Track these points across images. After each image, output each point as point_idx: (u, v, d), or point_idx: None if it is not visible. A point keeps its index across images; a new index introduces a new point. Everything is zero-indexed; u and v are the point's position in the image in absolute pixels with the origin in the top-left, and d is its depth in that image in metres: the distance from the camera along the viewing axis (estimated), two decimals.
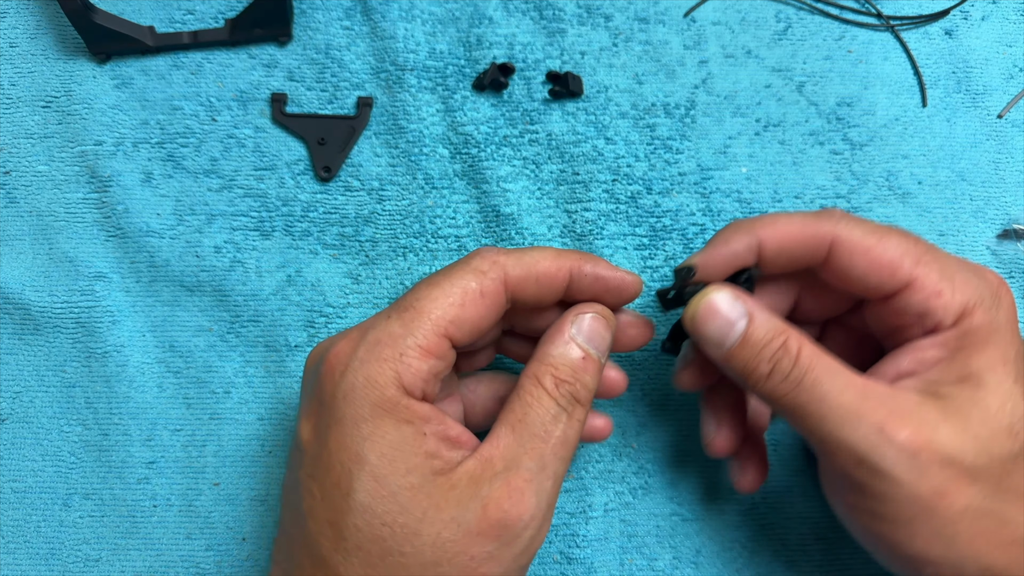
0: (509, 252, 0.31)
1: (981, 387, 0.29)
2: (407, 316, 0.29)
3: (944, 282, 0.30)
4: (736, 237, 0.32)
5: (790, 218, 0.31)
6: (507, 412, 0.30)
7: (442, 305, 0.29)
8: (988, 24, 0.44)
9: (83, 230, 0.42)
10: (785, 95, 0.43)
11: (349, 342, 0.29)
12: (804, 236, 0.31)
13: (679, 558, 0.39)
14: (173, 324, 0.41)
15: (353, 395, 0.28)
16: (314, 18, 0.43)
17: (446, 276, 0.30)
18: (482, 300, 0.30)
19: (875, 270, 0.30)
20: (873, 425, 0.28)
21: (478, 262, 0.30)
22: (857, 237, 0.30)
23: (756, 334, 0.30)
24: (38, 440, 0.41)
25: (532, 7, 0.43)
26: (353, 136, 0.42)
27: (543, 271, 0.31)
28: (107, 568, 0.39)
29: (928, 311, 0.30)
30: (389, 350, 0.28)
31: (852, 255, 0.30)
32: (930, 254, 0.30)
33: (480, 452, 0.29)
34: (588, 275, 0.32)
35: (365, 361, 0.28)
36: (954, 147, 0.43)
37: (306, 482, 0.28)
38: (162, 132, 0.43)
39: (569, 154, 0.42)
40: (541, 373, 0.30)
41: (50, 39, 0.43)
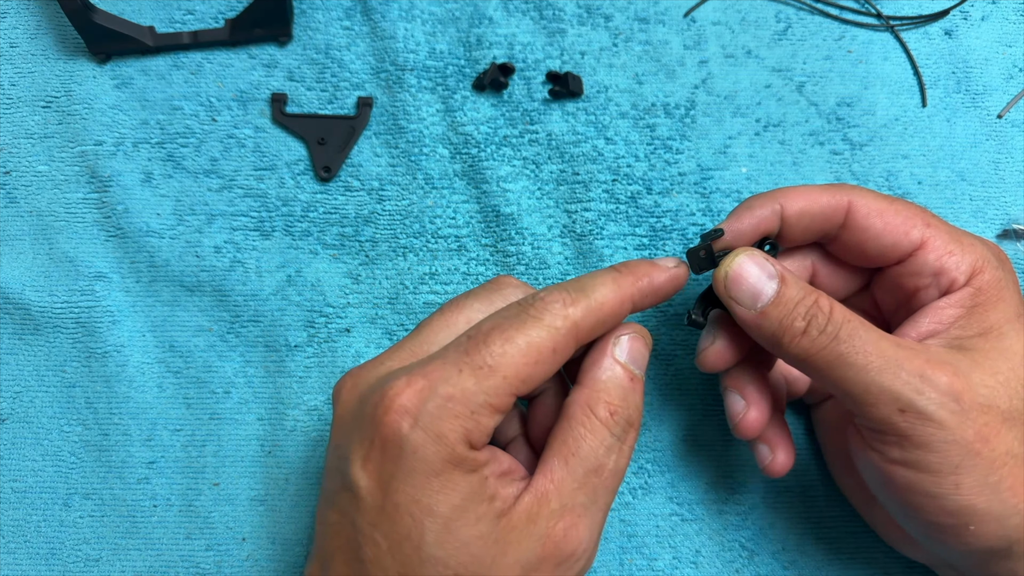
0: (575, 300, 0.30)
1: (1003, 338, 0.30)
2: (481, 374, 0.28)
3: (953, 243, 0.32)
4: (760, 203, 0.33)
5: (808, 187, 0.34)
6: (558, 443, 0.29)
7: (517, 364, 0.28)
8: (988, 24, 0.44)
9: (83, 230, 0.42)
10: (785, 95, 0.43)
11: (416, 393, 0.28)
12: (823, 202, 0.33)
13: (679, 558, 0.39)
14: (173, 324, 0.41)
15: (424, 450, 0.27)
16: (314, 18, 0.43)
17: (519, 330, 0.28)
18: (553, 356, 0.29)
19: (890, 231, 0.32)
20: (914, 371, 0.29)
21: (551, 319, 0.29)
22: (871, 201, 0.32)
23: (789, 292, 0.30)
24: (38, 440, 0.41)
25: (532, 7, 0.43)
26: (353, 136, 0.42)
27: (609, 312, 0.30)
28: (107, 568, 0.39)
29: (943, 269, 0.31)
30: (461, 407, 0.27)
31: (868, 217, 0.32)
32: (935, 219, 0.32)
33: (535, 487, 0.29)
34: (648, 294, 0.32)
35: (436, 417, 0.27)
36: (954, 147, 0.43)
37: (368, 531, 0.28)
38: (162, 132, 0.43)
39: (569, 154, 0.42)
40: (593, 401, 0.30)
41: (50, 39, 0.43)
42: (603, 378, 0.30)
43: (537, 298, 0.30)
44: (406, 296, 0.41)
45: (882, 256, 0.33)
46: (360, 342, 0.41)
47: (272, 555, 0.39)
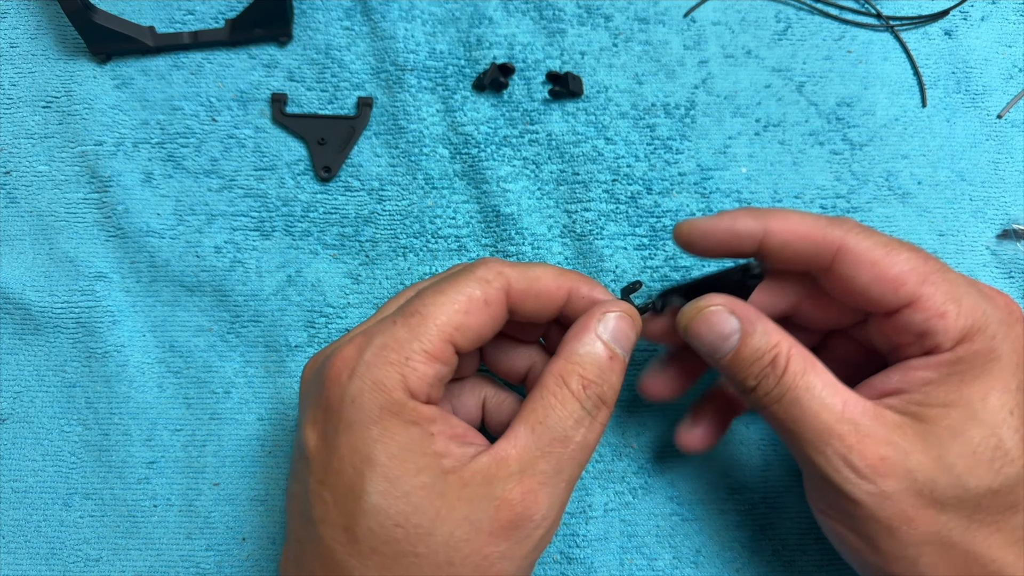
0: (513, 265, 0.31)
1: (967, 416, 0.28)
2: (413, 321, 0.29)
3: (949, 303, 0.29)
4: (743, 219, 0.31)
5: (802, 216, 0.31)
6: (527, 411, 0.29)
7: (447, 311, 0.29)
8: (988, 24, 0.44)
9: (83, 230, 0.42)
10: (785, 95, 0.43)
11: (354, 347, 0.29)
12: (812, 237, 0.31)
13: (679, 558, 0.39)
14: (173, 324, 0.41)
15: (361, 399, 0.28)
16: (314, 18, 0.43)
17: (451, 284, 0.30)
18: (486, 308, 0.30)
19: (878, 284, 0.30)
20: (840, 449, 0.28)
21: (483, 271, 0.30)
22: (864, 248, 0.30)
23: (745, 351, 0.30)
24: (39, 440, 0.41)
25: (532, 7, 0.43)
26: (353, 136, 0.42)
27: (544, 287, 0.31)
28: (107, 568, 0.39)
29: (928, 331, 0.29)
30: (395, 354, 0.28)
31: (857, 265, 0.30)
32: (939, 273, 0.29)
33: (495, 449, 0.29)
34: (585, 298, 0.32)
35: (372, 365, 0.28)
36: (954, 147, 0.43)
37: (316, 489, 0.28)
38: (162, 132, 0.43)
39: (569, 154, 0.42)
40: (567, 373, 0.30)
41: (50, 39, 0.43)
42: (580, 351, 0.30)
43: (477, 260, 0.32)
44: None
45: (868, 306, 0.31)
46: None
47: (272, 555, 0.39)
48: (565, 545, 0.39)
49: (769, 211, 0.32)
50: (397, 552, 0.27)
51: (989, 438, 0.28)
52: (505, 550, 0.28)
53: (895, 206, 0.42)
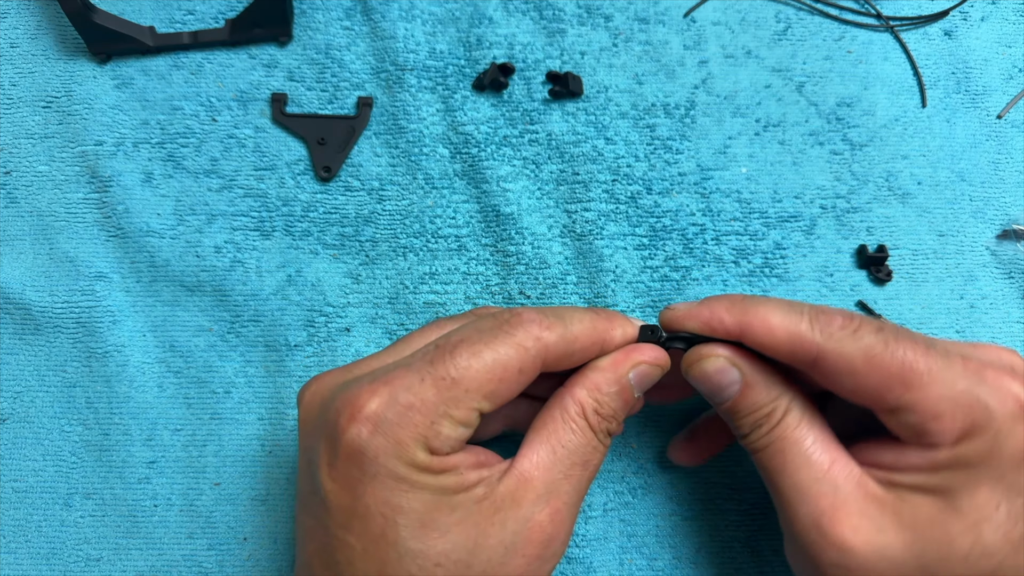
0: (551, 324, 0.30)
1: (951, 506, 0.28)
2: (443, 385, 0.28)
3: (943, 404, 0.27)
4: (720, 316, 0.31)
5: (783, 316, 0.29)
6: (546, 432, 0.30)
7: (480, 378, 0.28)
8: (987, 25, 0.44)
9: (83, 230, 0.42)
10: (785, 95, 0.43)
11: (377, 400, 0.28)
12: (789, 342, 0.29)
13: (679, 558, 0.39)
14: (173, 324, 0.41)
15: (384, 457, 0.27)
16: (314, 18, 0.43)
17: (488, 345, 0.28)
18: (519, 376, 0.29)
19: (861, 391, 0.28)
20: (814, 511, 0.29)
21: (522, 336, 0.29)
22: (843, 355, 0.28)
23: (742, 404, 0.31)
24: (39, 440, 0.41)
25: (532, 7, 0.43)
26: (353, 136, 0.42)
27: (580, 347, 0.31)
28: (108, 568, 0.39)
29: (924, 433, 0.28)
30: (421, 417, 0.27)
31: (837, 374, 0.29)
32: (931, 373, 0.27)
33: (518, 469, 0.29)
34: (616, 345, 0.32)
35: (396, 425, 0.27)
36: (954, 147, 0.43)
37: (339, 534, 0.28)
38: (162, 132, 0.43)
39: (569, 154, 0.42)
40: (587, 404, 0.30)
41: (50, 39, 0.43)
42: (606, 390, 0.31)
43: (513, 314, 0.30)
44: (406, 296, 0.41)
45: (860, 403, 0.29)
46: (360, 342, 0.41)
47: (273, 555, 0.40)
48: None
49: (750, 306, 0.30)
50: None
51: (969, 531, 0.28)
52: (537, 568, 0.29)
53: (895, 206, 0.42)
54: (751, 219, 0.42)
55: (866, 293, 0.41)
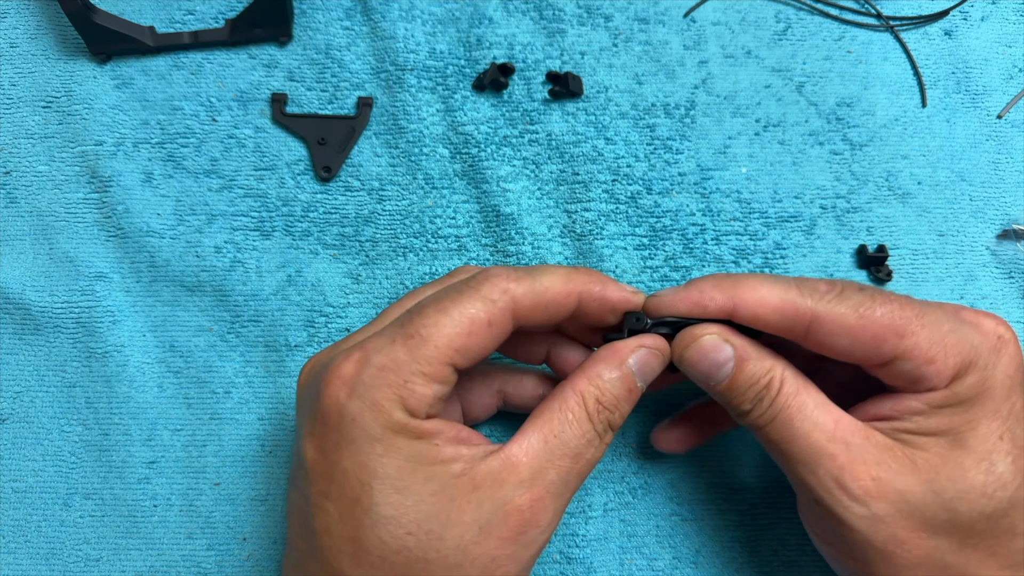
0: (519, 278, 0.30)
1: (958, 444, 0.29)
2: (412, 343, 0.28)
3: (935, 348, 0.29)
4: (710, 293, 0.31)
5: (772, 286, 0.30)
6: (542, 421, 0.30)
7: (449, 333, 0.28)
8: (987, 24, 0.44)
9: (83, 230, 0.42)
10: (785, 95, 0.43)
11: (352, 363, 0.29)
12: (782, 311, 0.30)
13: (679, 558, 0.39)
14: (173, 324, 0.41)
15: (361, 418, 0.28)
16: (314, 18, 0.43)
17: (454, 301, 0.29)
18: (489, 329, 0.29)
19: (858, 347, 0.29)
20: (832, 470, 0.29)
21: (488, 289, 0.29)
22: (837, 315, 0.29)
23: (740, 378, 0.31)
24: (39, 440, 0.41)
25: (532, 7, 0.43)
26: (353, 136, 0.42)
27: (552, 298, 0.31)
28: (108, 568, 0.39)
29: (920, 377, 0.29)
30: (394, 376, 0.28)
31: (833, 335, 0.29)
32: (919, 319, 0.29)
33: (505, 452, 0.29)
34: (596, 299, 0.32)
35: (370, 386, 0.28)
36: (954, 147, 0.43)
37: (318, 500, 0.28)
38: (162, 132, 0.43)
39: (569, 154, 0.42)
40: (587, 394, 0.30)
41: (50, 39, 0.43)
42: (605, 376, 0.31)
43: (483, 271, 0.30)
44: None
45: (855, 362, 0.30)
46: None
47: (273, 555, 0.40)
48: (565, 545, 0.39)
49: (738, 281, 0.31)
50: (408, 559, 0.27)
51: (980, 463, 0.29)
52: (512, 552, 0.28)
53: (895, 206, 0.42)
54: (751, 219, 0.42)
55: None
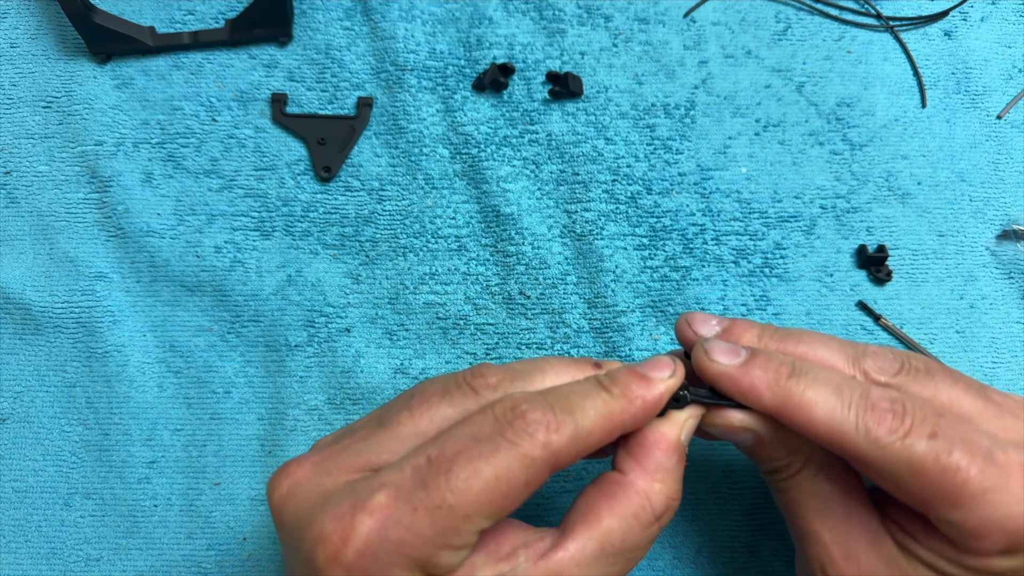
0: (560, 424, 0.25)
1: None
2: (439, 515, 0.24)
3: (991, 525, 0.25)
4: (763, 393, 0.28)
5: (827, 409, 0.27)
6: (597, 523, 0.26)
7: (480, 502, 0.24)
8: (987, 25, 0.44)
9: (84, 230, 0.42)
10: (785, 95, 0.43)
11: (361, 534, 0.24)
12: (829, 439, 0.27)
13: (679, 558, 0.39)
14: (173, 324, 0.41)
15: None
16: (314, 18, 0.43)
17: (487, 460, 0.24)
18: (524, 490, 0.25)
19: (903, 496, 0.27)
20: (821, 558, 0.28)
21: (528, 446, 0.25)
22: (887, 465, 0.26)
23: (760, 454, 0.30)
24: (39, 440, 0.41)
25: (532, 7, 0.43)
26: (353, 136, 0.42)
27: (595, 444, 0.27)
28: (108, 567, 0.39)
29: (963, 544, 0.26)
30: (416, 552, 0.24)
31: (879, 479, 0.27)
32: (983, 496, 0.25)
33: (554, 562, 0.26)
34: (641, 421, 0.28)
35: (388, 564, 0.24)
36: (953, 148, 0.43)
37: None
38: (162, 132, 0.43)
39: (569, 154, 0.42)
40: (654, 493, 0.27)
41: (51, 39, 0.43)
42: (667, 466, 0.28)
43: (516, 414, 0.25)
44: (406, 296, 0.41)
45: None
46: (360, 342, 0.41)
47: (273, 555, 0.40)
48: None
49: (793, 386, 0.27)
50: None
51: None
52: None
53: (895, 206, 0.42)
54: (751, 219, 0.42)
55: (866, 293, 0.41)
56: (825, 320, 0.41)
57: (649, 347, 0.41)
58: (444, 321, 0.41)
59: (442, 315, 0.41)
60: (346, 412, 0.40)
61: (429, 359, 0.41)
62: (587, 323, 0.41)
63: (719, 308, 0.41)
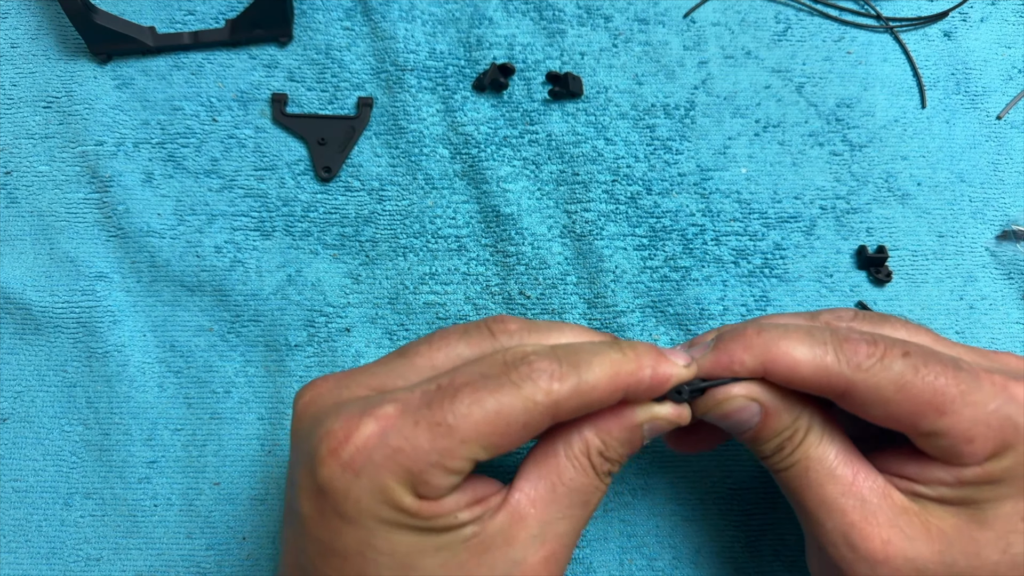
0: (564, 374, 0.27)
1: (977, 519, 0.28)
2: (438, 432, 0.25)
3: (976, 427, 0.27)
4: (740, 357, 0.29)
5: (805, 348, 0.28)
6: (547, 466, 0.28)
7: (479, 428, 0.26)
8: (987, 26, 0.44)
9: (84, 230, 0.42)
10: (785, 96, 0.43)
11: (363, 436, 0.26)
12: (815, 378, 0.28)
13: (679, 558, 0.39)
14: (174, 324, 0.41)
15: (367, 500, 0.26)
16: (314, 18, 0.43)
17: (492, 392, 0.26)
18: (523, 431, 0.26)
19: (894, 419, 0.28)
20: (842, 525, 0.28)
21: (531, 389, 0.26)
22: (873, 386, 0.27)
23: (763, 432, 0.30)
24: (39, 440, 0.41)
25: (532, 8, 0.43)
26: (353, 136, 0.42)
27: (597, 399, 0.27)
28: (108, 567, 0.39)
29: (956, 455, 0.28)
30: (409, 463, 0.25)
31: (868, 404, 0.28)
32: (963, 397, 0.27)
33: (511, 504, 0.27)
34: (644, 392, 0.29)
35: (380, 468, 0.25)
36: (953, 148, 0.43)
37: (317, 563, 0.27)
38: (163, 132, 0.43)
39: (569, 154, 0.42)
40: (593, 446, 0.28)
41: (51, 40, 0.43)
42: (617, 435, 0.29)
43: (524, 360, 0.27)
44: (406, 296, 0.41)
45: (890, 427, 0.29)
46: (360, 342, 0.41)
47: (272, 554, 0.40)
48: None
49: (769, 340, 0.28)
50: None
51: (997, 541, 0.28)
52: None
53: (894, 207, 0.42)
54: (751, 219, 0.42)
55: (866, 294, 0.41)
56: None
57: None
58: (444, 321, 0.41)
59: (442, 315, 0.41)
60: None
61: None
62: (587, 323, 0.41)
63: (719, 308, 0.41)
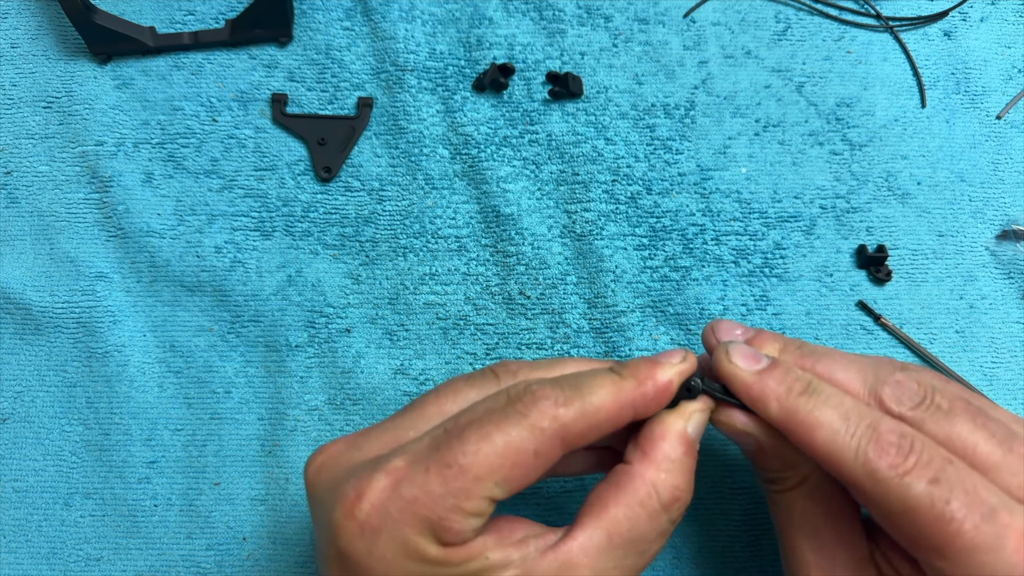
0: (568, 400, 0.27)
1: None
2: (449, 474, 0.25)
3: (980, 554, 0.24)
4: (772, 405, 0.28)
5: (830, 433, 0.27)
6: (605, 514, 0.27)
7: (491, 464, 0.25)
8: (987, 25, 0.44)
9: (84, 230, 0.42)
10: (785, 96, 0.43)
11: (377, 493, 0.25)
12: (828, 462, 0.27)
13: (679, 558, 0.39)
14: (174, 324, 0.41)
15: (393, 556, 0.25)
16: (314, 19, 0.43)
17: (498, 426, 0.26)
18: (535, 460, 0.26)
19: (890, 532, 0.27)
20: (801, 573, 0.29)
21: (536, 416, 0.26)
22: (880, 496, 0.26)
23: (760, 460, 0.30)
24: (39, 440, 0.41)
25: (532, 8, 0.43)
26: (353, 136, 0.42)
27: (605, 418, 0.27)
28: (108, 567, 0.39)
29: None
30: (426, 510, 0.25)
31: (870, 506, 0.27)
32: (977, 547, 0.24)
33: (564, 551, 0.26)
34: (653, 403, 0.28)
35: (399, 522, 0.25)
36: (953, 148, 0.43)
37: None
38: (163, 132, 0.43)
39: (569, 154, 0.42)
40: (661, 483, 0.27)
41: (51, 40, 0.44)
42: (673, 456, 0.28)
43: (527, 391, 0.27)
44: (406, 296, 0.41)
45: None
46: (360, 342, 0.41)
47: (272, 555, 0.40)
48: None
49: (802, 403, 0.28)
50: None
51: None
52: None
53: (894, 207, 0.42)
54: (751, 219, 0.42)
55: (866, 293, 0.41)
56: (825, 320, 0.41)
57: (649, 347, 0.41)
58: (444, 321, 0.41)
59: (442, 315, 0.41)
60: (346, 412, 0.40)
61: (429, 360, 0.41)
62: (587, 323, 0.41)
63: (719, 308, 0.41)
